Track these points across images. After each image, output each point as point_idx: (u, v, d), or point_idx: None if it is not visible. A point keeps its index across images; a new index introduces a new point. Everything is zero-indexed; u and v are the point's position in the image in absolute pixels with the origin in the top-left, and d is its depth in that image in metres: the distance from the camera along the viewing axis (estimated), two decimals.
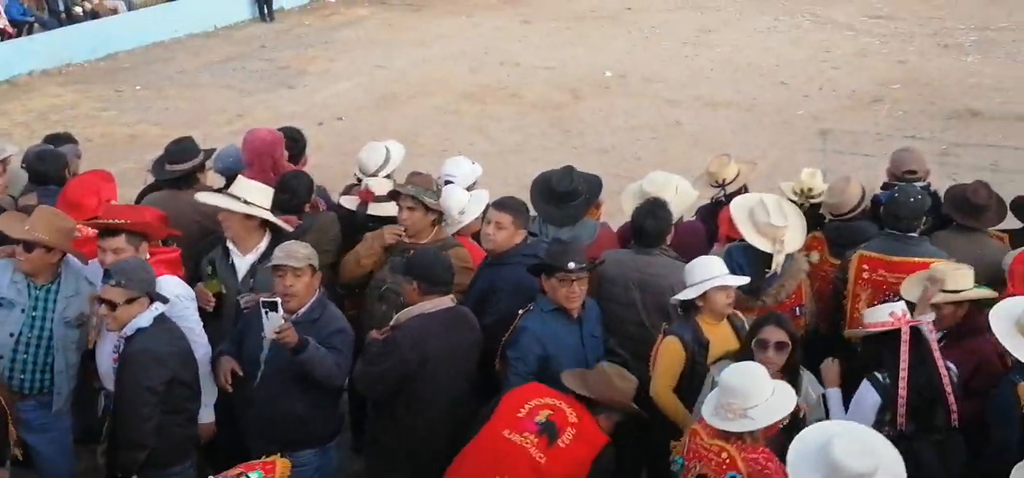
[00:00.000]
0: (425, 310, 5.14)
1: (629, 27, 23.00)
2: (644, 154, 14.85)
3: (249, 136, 6.47)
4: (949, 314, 5.14)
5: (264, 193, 5.75)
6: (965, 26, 23.11)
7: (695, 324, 5.04)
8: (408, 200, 5.83)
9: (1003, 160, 14.50)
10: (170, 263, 5.53)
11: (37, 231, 5.30)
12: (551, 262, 5.14)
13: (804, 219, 5.82)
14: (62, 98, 17.82)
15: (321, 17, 24.49)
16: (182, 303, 5.31)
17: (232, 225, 5.68)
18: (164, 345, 4.95)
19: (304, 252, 5.16)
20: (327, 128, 15.67)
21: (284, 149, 6.56)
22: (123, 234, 5.33)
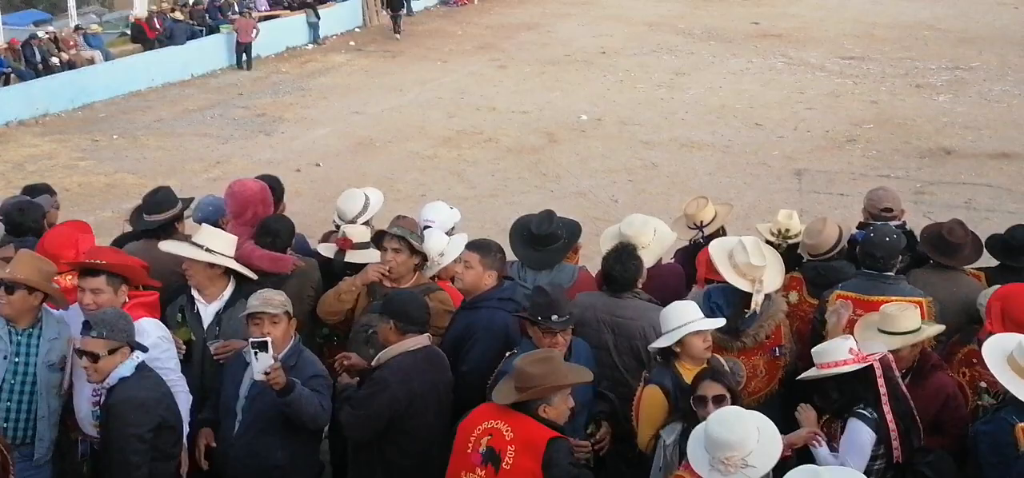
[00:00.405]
0: (408, 348, 5.14)
1: (604, 71, 23.18)
2: (621, 196, 14.93)
3: (236, 187, 6.43)
4: (907, 354, 5.18)
5: (227, 242, 5.76)
6: (936, 66, 23.44)
7: (674, 370, 5.04)
8: (394, 241, 5.84)
9: (977, 198, 14.66)
10: (148, 306, 5.50)
11: (18, 273, 5.28)
12: (535, 314, 5.13)
13: (782, 261, 5.85)
14: (40, 148, 17.75)
15: (298, 64, 24.56)
16: (162, 346, 5.28)
17: (196, 274, 5.68)
18: (148, 392, 4.91)
19: (279, 299, 5.16)
20: (305, 174, 15.67)
21: (271, 200, 6.54)
22: (103, 275, 5.31)
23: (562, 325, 5.09)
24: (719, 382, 4.75)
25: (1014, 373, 4.65)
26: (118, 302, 5.30)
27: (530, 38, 26.94)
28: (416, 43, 26.64)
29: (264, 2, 27.29)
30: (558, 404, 4.66)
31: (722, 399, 4.66)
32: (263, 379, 4.88)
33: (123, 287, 5.38)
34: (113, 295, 5.29)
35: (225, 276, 5.71)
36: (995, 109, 19.74)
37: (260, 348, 4.85)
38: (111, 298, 5.28)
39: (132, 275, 5.46)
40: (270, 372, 4.87)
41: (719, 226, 6.61)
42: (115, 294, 5.31)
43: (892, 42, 26.22)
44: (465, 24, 29.22)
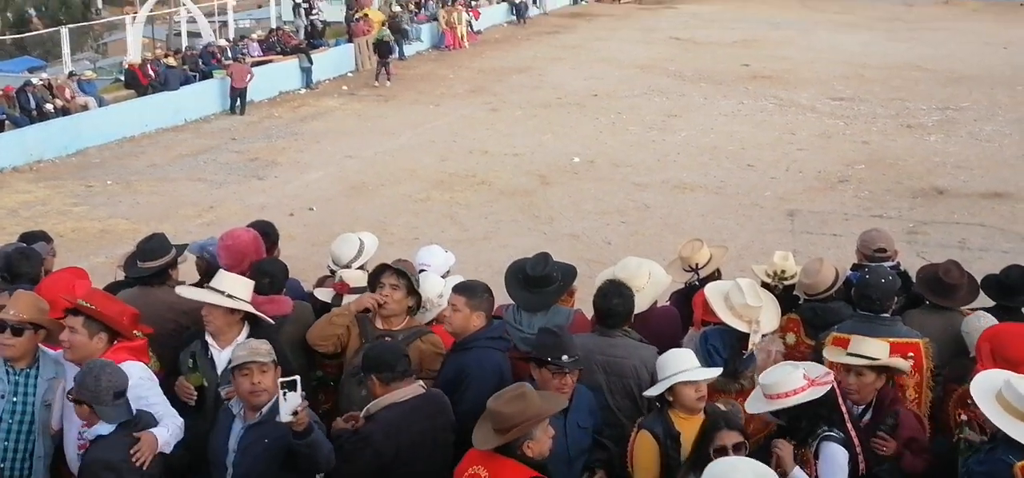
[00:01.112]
0: (396, 399, 5.10)
1: (596, 113, 23.29)
2: (614, 238, 14.95)
3: (229, 240, 6.43)
4: (868, 386, 5.20)
5: (245, 286, 5.74)
6: (927, 106, 23.62)
7: (667, 417, 5.02)
8: (393, 276, 5.84)
9: (971, 237, 14.72)
10: (134, 350, 5.48)
11: (22, 312, 5.31)
12: (544, 354, 5.09)
13: (777, 303, 5.86)
14: (33, 194, 17.73)
15: (290, 108, 24.63)
16: (144, 385, 5.25)
17: (215, 319, 5.63)
18: (119, 454, 4.87)
19: (266, 348, 5.12)
20: (298, 218, 15.67)
21: (264, 248, 6.53)
22: (82, 317, 5.31)
23: (573, 365, 5.07)
24: (736, 429, 4.76)
25: (1003, 411, 4.65)
26: (92, 348, 5.28)
27: (522, 81, 27.09)
28: (408, 87, 26.76)
29: (257, 47, 27.41)
30: (540, 438, 4.61)
31: (740, 446, 4.67)
32: (290, 419, 4.79)
33: (102, 335, 5.35)
34: (87, 339, 5.29)
35: (241, 321, 5.69)
36: (986, 148, 19.87)
37: (289, 387, 4.75)
38: (85, 341, 5.28)
39: (117, 325, 5.44)
40: (298, 412, 4.80)
41: (714, 268, 6.62)
42: (89, 339, 5.29)
43: (882, 83, 26.43)
44: (457, 68, 29.37)
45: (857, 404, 5.21)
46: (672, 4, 44.65)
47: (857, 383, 5.19)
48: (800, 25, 37.56)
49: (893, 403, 5.26)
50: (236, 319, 5.67)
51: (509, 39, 34.87)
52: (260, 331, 5.61)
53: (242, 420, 5.08)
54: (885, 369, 5.26)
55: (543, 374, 5.09)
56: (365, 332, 5.83)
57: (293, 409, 4.75)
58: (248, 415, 5.06)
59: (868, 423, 5.16)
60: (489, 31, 35.73)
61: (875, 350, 5.22)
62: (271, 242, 6.88)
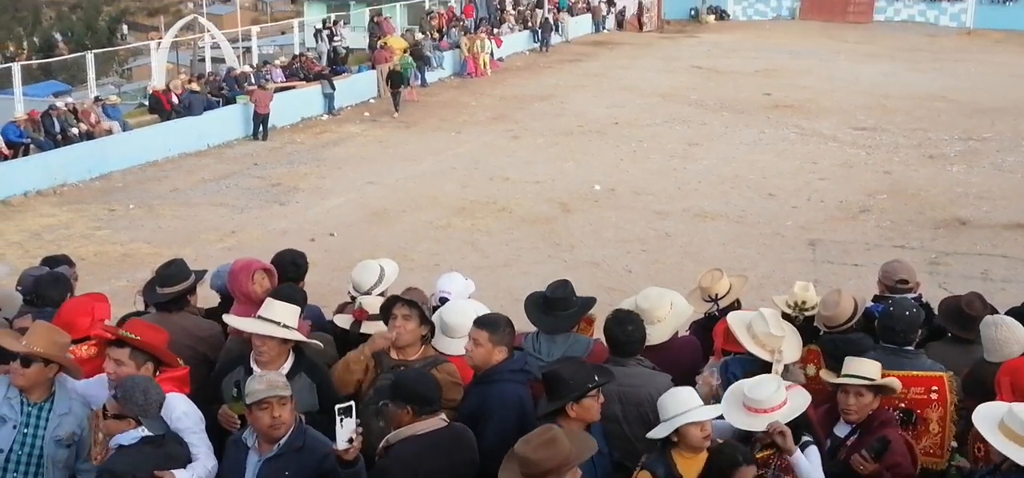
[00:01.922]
0: (417, 431, 5.03)
1: (617, 141, 23.30)
2: (635, 266, 14.92)
3: (238, 268, 6.46)
4: (866, 406, 5.21)
5: (293, 313, 5.72)
6: (949, 137, 23.50)
7: (669, 457, 4.98)
8: (405, 307, 5.79)
9: (993, 269, 14.61)
10: (177, 381, 5.48)
11: (35, 345, 5.30)
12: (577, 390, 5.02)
13: (799, 335, 5.83)
14: (57, 218, 17.88)
15: (313, 135, 24.77)
16: (185, 421, 5.23)
17: (269, 349, 5.59)
18: (128, 467, 4.88)
19: (282, 381, 5.06)
20: (319, 244, 15.73)
21: (275, 275, 6.52)
22: (128, 348, 5.33)
23: (604, 377, 5.08)
24: (753, 464, 4.75)
25: (1007, 439, 4.62)
26: None
27: (544, 109, 27.15)
28: (430, 114, 26.86)
29: (280, 73, 27.60)
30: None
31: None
32: (347, 446, 4.72)
33: (148, 364, 5.38)
34: (135, 370, 5.29)
35: (287, 348, 5.67)
36: (1009, 179, 19.74)
37: (346, 413, 4.71)
38: (133, 372, 5.27)
39: (162, 354, 5.47)
40: (354, 439, 4.76)
41: (734, 298, 6.59)
42: (137, 370, 5.30)
43: (904, 113, 26.33)
44: (479, 95, 29.47)
45: (851, 423, 5.27)
46: (694, 33, 44.73)
47: (856, 404, 5.24)
48: (821, 54, 37.51)
49: (883, 425, 5.25)
50: (287, 348, 5.65)
51: (531, 67, 34.98)
52: (306, 358, 5.61)
53: (258, 453, 4.98)
54: (880, 389, 5.25)
55: (582, 407, 5.01)
56: (381, 364, 5.79)
57: (349, 436, 4.67)
58: (264, 448, 4.96)
59: (854, 442, 5.19)
60: (511, 59, 35.86)
61: (871, 371, 5.25)
62: (301, 271, 6.88)
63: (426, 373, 5.35)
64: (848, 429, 5.28)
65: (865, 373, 5.24)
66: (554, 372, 5.09)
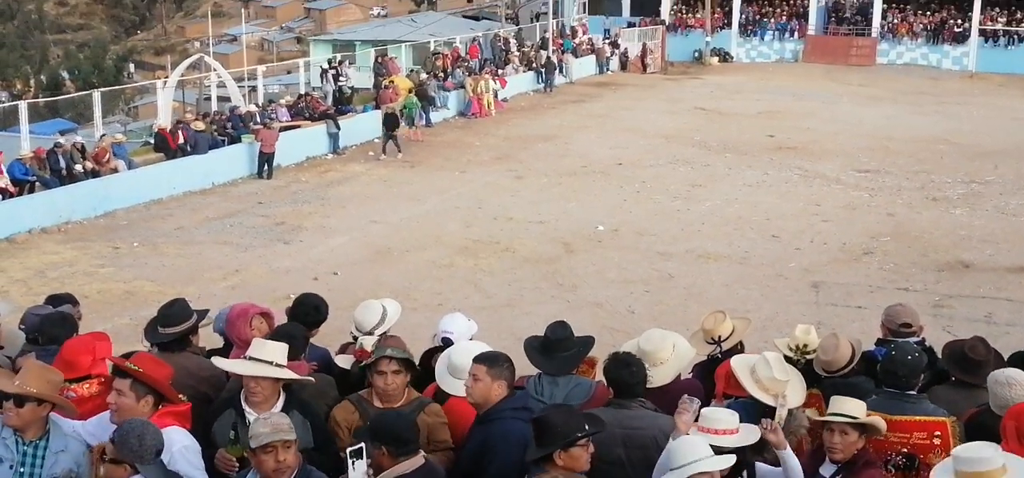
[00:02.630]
0: (401, 472, 5.02)
1: (620, 182, 23.35)
2: (638, 307, 14.91)
3: (235, 315, 6.48)
4: (851, 444, 5.18)
5: (282, 350, 5.71)
6: (952, 179, 23.54)
7: None
8: (394, 363, 5.80)
9: (997, 312, 14.58)
10: (178, 416, 5.47)
11: (28, 385, 5.31)
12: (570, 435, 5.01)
13: (802, 378, 5.83)
14: (60, 255, 17.91)
15: (317, 174, 24.85)
16: (186, 454, 5.21)
17: (263, 389, 5.59)
18: None
19: (287, 423, 5.02)
20: (322, 283, 15.71)
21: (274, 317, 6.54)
22: (130, 379, 5.33)
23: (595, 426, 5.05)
24: None
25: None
26: (139, 410, 5.28)
27: (547, 149, 27.25)
28: (434, 153, 26.96)
29: (285, 112, 27.74)
30: None
31: None
32: None
33: (149, 398, 5.37)
34: (134, 403, 5.28)
35: (279, 386, 5.66)
36: (1012, 223, 19.75)
37: (357, 455, 4.70)
38: (132, 404, 5.26)
39: (164, 389, 5.47)
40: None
41: (737, 341, 6.58)
42: (136, 402, 5.30)
43: (907, 156, 26.39)
44: (483, 135, 29.59)
45: (836, 463, 5.25)
46: (697, 75, 44.97)
47: (842, 442, 5.19)
48: (824, 97, 37.68)
49: (867, 466, 5.22)
50: (279, 386, 5.65)
51: (535, 107, 35.14)
52: (297, 395, 5.60)
53: None
54: (864, 428, 5.24)
55: (571, 455, 4.99)
56: (366, 414, 5.77)
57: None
58: None
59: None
60: (515, 99, 36.04)
61: (855, 409, 5.23)
62: (321, 316, 6.86)
63: (402, 414, 5.33)
64: (833, 469, 5.25)
65: (849, 412, 5.22)
66: (544, 418, 5.04)
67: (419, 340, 7.17)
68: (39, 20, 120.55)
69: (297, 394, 5.64)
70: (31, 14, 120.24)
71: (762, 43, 51.19)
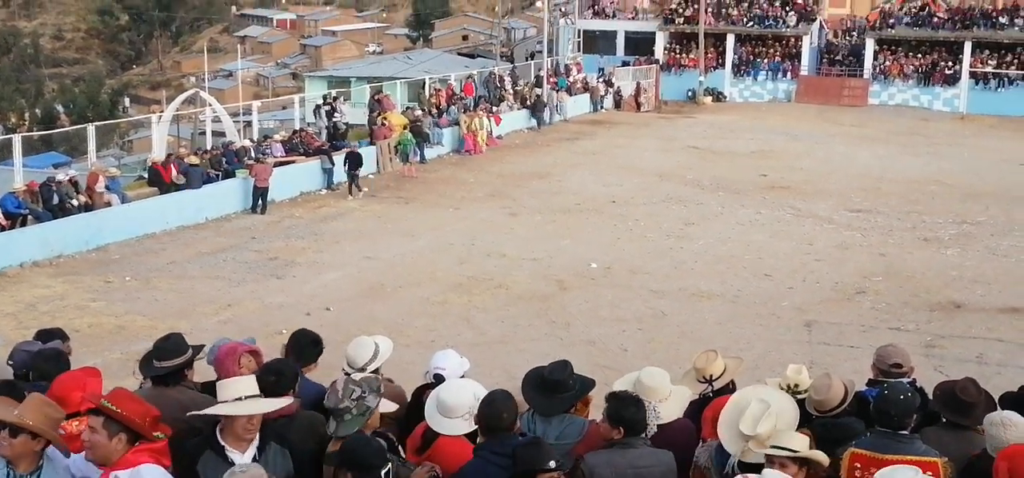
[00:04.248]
0: None
1: (614, 220, 23.40)
2: (631, 345, 14.90)
3: (223, 353, 6.48)
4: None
5: (250, 383, 5.71)
6: (943, 220, 23.63)
7: None
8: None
9: (989, 352, 14.59)
10: (155, 452, 5.44)
11: (27, 417, 5.29)
12: (528, 465, 5.02)
13: (797, 409, 5.82)
14: (52, 289, 17.86)
15: (311, 209, 24.87)
16: None
17: (254, 426, 5.59)
18: None
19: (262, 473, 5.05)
20: (315, 318, 15.69)
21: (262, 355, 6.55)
22: (103, 417, 5.30)
23: (558, 469, 5.04)
24: None
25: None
26: (111, 449, 5.25)
27: (541, 186, 27.31)
28: (429, 189, 27.01)
29: (280, 148, 27.79)
30: None
31: None
32: None
33: (122, 436, 5.34)
34: (106, 440, 5.24)
35: (256, 419, 5.64)
36: (1003, 263, 19.82)
37: None
38: (104, 442, 5.23)
39: (138, 427, 5.43)
40: None
41: (729, 380, 6.59)
42: (109, 440, 5.26)
43: (899, 196, 26.51)
44: (477, 172, 29.67)
45: None
46: (690, 114, 45.19)
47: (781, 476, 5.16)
48: (817, 137, 37.88)
49: None
50: (256, 419, 5.64)
51: (529, 145, 35.25)
52: (271, 427, 5.58)
53: None
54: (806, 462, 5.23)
55: None
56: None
57: None
58: None
59: None
60: (510, 136, 36.17)
61: (798, 443, 5.22)
62: (318, 350, 6.85)
63: (370, 440, 5.32)
64: None
65: (791, 445, 5.21)
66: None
67: (411, 377, 7.17)
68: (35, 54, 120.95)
69: (271, 426, 5.59)
70: (27, 48, 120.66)
71: (755, 83, 51.49)
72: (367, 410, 5.58)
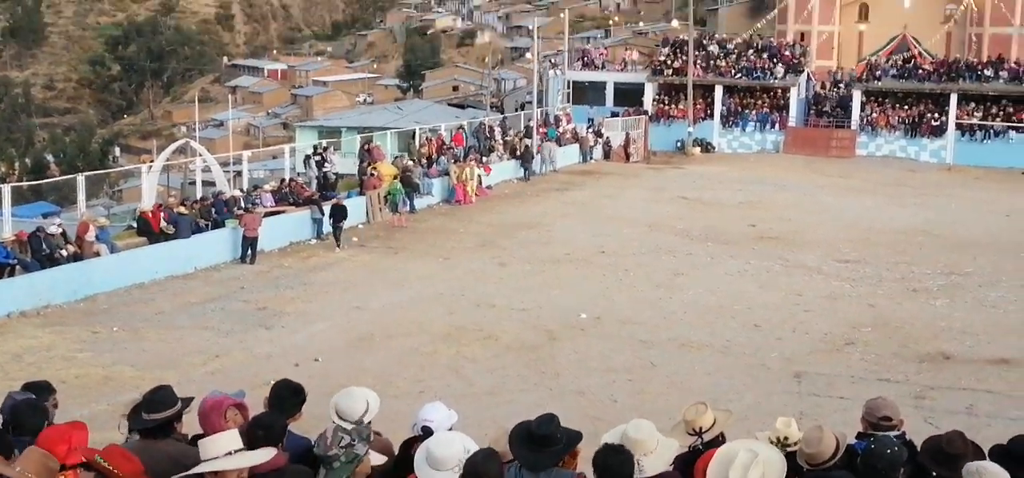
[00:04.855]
0: None
1: (603, 270, 23.42)
2: (620, 396, 14.86)
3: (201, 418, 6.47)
4: None
5: (233, 437, 5.70)
6: (932, 271, 23.71)
7: None
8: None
9: (978, 404, 14.59)
10: None
11: (29, 472, 5.28)
12: None
13: (784, 462, 5.80)
14: (39, 340, 17.75)
15: (300, 259, 24.83)
16: None
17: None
18: None
19: None
20: (303, 369, 15.63)
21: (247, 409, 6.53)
22: (94, 472, 5.28)
23: None
24: None
25: None
26: None
27: (530, 237, 27.35)
28: (418, 239, 27.02)
29: (270, 198, 27.80)
30: None
31: None
32: None
33: None
34: None
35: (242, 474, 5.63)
36: (992, 315, 19.87)
37: None
38: None
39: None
40: None
41: (718, 432, 6.57)
42: None
43: (887, 247, 26.61)
44: (467, 222, 29.71)
45: None
46: (679, 165, 45.43)
47: None
48: (805, 187, 38.09)
49: None
50: (245, 475, 5.62)
51: (519, 195, 35.35)
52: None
53: None
54: None
55: None
56: None
57: None
58: None
59: None
60: (499, 186, 36.27)
61: None
62: (300, 400, 6.83)
63: None
64: None
65: None
66: None
67: (399, 429, 7.13)
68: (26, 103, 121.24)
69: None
70: (18, 97, 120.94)
71: (743, 134, 51.83)
72: (355, 458, 5.57)
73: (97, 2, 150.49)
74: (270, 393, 6.79)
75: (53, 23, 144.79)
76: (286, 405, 6.67)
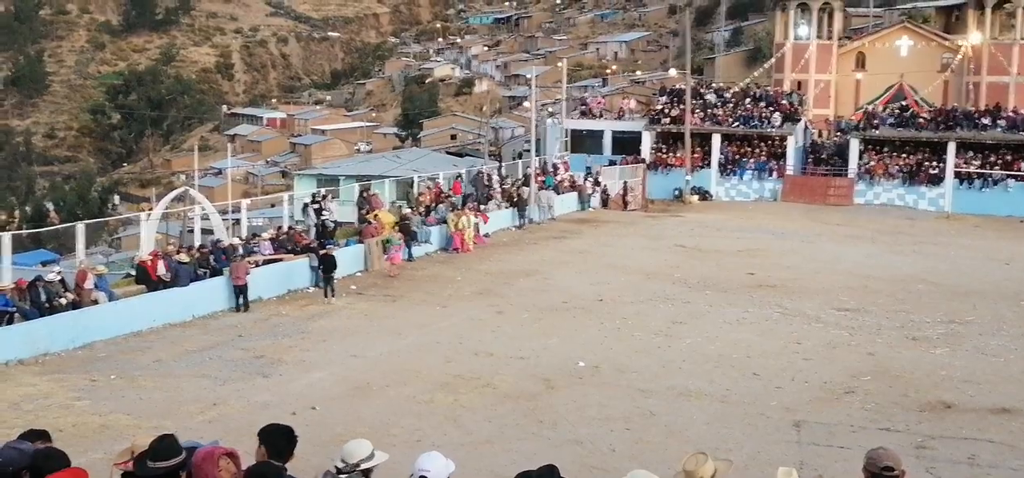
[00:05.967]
0: None
1: (601, 318, 23.36)
2: (618, 445, 14.76)
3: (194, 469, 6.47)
4: None
5: None
6: (931, 319, 23.67)
7: None
8: None
9: (980, 453, 14.50)
10: None
11: None
12: None
13: None
14: (37, 388, 17.67)
15: (298, 307, 24.79)
16: None
17: None
18: None
19: None
20: (300, 418, 15.54)
21: (217, 465, 6.53)
22: None
23: None
24: None
25: None
26: None
27: (529, 285, 27.32)
28: (416, 288, 26.99)
29: (269, 246, 27.81)
30: None
31: None
32: None
33: None
34: None
35: None
36: (993, 363, 19.80)
37: None
38: None
39: None
40: None
41: None
42: None
43: (887, 295, 26.58)
44: (465, 270, 29.69)
45: None
46: (677, 212, 45.50)
47: None
48: (804, 236, 38.14)
49: None
50: None
51: (517, 243, 35.36)
52: None
53: None
54: None
55: None
56: None
57: None
58: None
59: None
60: (497, 234, 36.30)
61: None
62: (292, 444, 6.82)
63: None
64: None
65: None
66: None
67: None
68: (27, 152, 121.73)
69: None
70: (19, 146, 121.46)
71: (741, 182, 51.99)
72: None
73: (98, 51, 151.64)
74: (262, 438, 6.77)
75: (55, 72, 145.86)
76: (279, 447, 6.67)
